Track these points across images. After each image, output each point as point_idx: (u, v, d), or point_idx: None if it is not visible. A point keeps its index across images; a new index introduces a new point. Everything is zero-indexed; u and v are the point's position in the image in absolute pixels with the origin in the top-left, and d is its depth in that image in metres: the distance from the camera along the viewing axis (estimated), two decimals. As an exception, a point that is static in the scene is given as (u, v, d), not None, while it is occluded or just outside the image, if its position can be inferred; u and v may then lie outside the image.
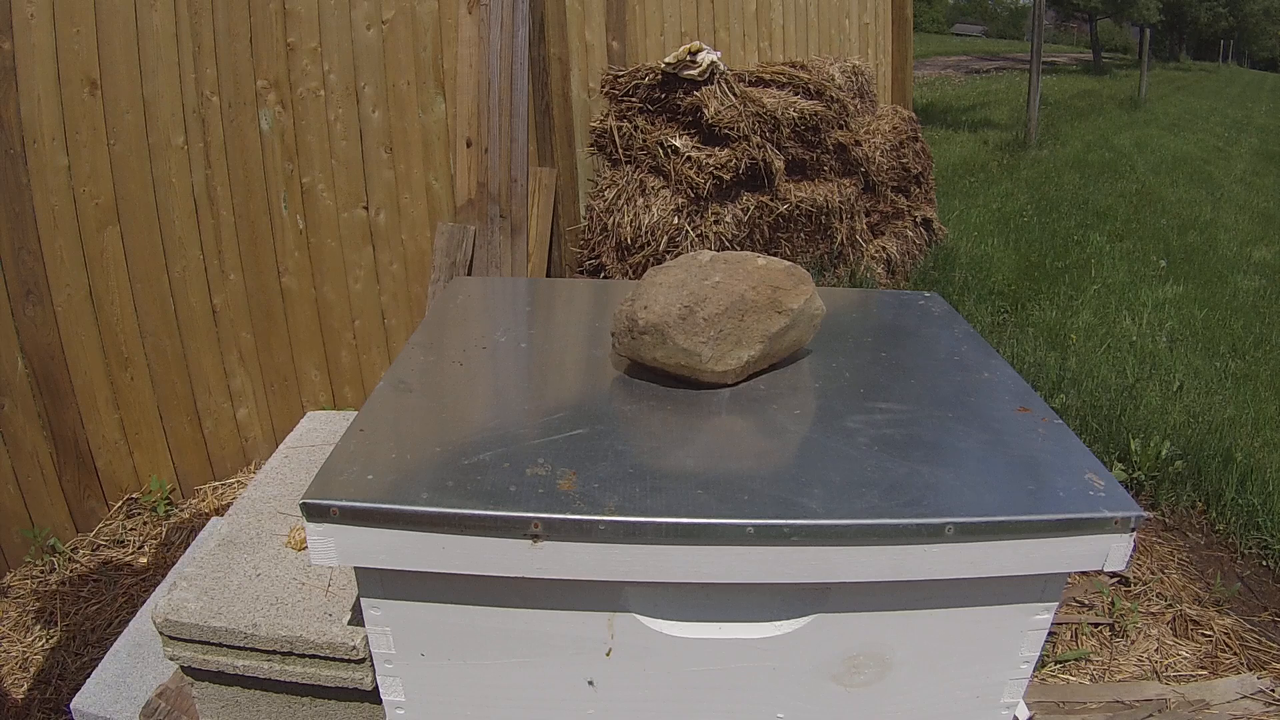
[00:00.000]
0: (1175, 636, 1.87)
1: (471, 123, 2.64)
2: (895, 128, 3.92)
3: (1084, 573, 1.59)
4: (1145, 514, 0.89)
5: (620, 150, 3.04)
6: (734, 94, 2.98)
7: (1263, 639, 1.85)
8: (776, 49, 4.04)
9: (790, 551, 0.82)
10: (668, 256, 2.85)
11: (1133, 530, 0.84)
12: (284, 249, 2.40)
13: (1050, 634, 1.54)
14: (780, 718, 0.95)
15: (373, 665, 0.95)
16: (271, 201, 2.35)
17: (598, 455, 0.91)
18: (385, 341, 2.66)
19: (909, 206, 4.05)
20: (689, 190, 2.90)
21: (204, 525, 1.91)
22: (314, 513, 0.82)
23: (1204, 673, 1.76)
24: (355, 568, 0.87)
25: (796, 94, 3.28)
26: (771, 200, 3.12)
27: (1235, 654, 1.81)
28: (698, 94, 2.93)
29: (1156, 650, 1.82)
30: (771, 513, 0.82)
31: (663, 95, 2.99)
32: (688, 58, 2.90)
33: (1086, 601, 1.94)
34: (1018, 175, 7.10)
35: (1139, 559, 2.14)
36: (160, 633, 1.04)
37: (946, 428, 0.99)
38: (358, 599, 1.00)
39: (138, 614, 1.56)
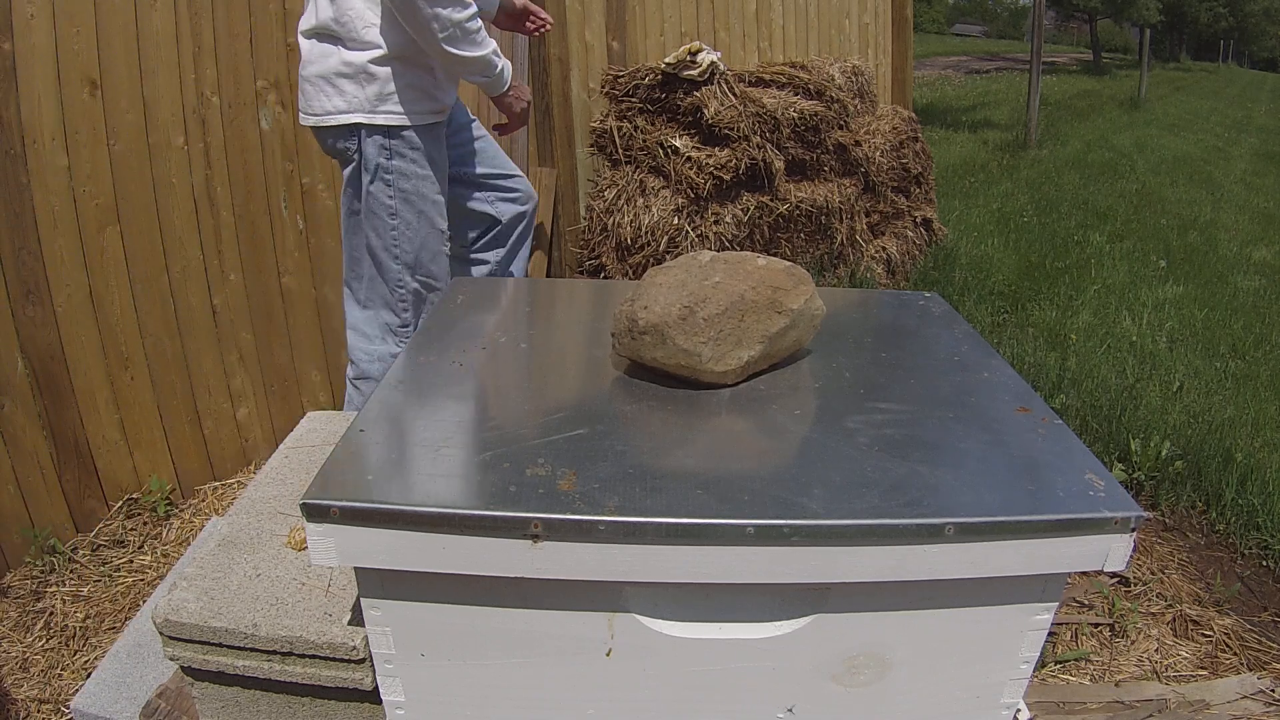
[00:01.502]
0: (1175, 636, 1.87)
1: (471, 123, 2.64)
2: (895, 128, 3.92)
3: (1084, 573, 1.59)
4: (1145, 514, 0.89)
5: (620, 150, 3.04)
6: (734, 94, 2.98)
7: (1263, 639, 1.85)
8: (776, 49, 4.04)
9: (790, 551, 0.82)
10: (668, 257, 2.85)
11: (1133, 530, 0.84)
12: (284, 249, 2.39)
13: (1050, 634, 1.54)
14: (780, 718, 0.95)
15: (373, 665, 0.96)
16: (271, 201, 2.35)
17: (598, 455, 0.91)
18: (385, 341, 2.65)
19: (909, 207, 4.05)
20: (689, 190, 2.90)
21: (204, 525, 1.91)
22: (314, 513, 0.82)
23: (1204, 673, 1.76)
24: (355, 568, 0.87)
25: (796, 94, 3.28)
26: (771, 200, 3.12)
27: (1235, 654, 1.81)
28: (698, 94, 2.93)
29: (1156, 650, 1.82)
30: (771, 513, 0.82)
31: (663, 95, 2.99)
32: (688, 58, 2.90)
33: (1086, 601, 1.94)
34: (1018, 175, 7.09)
35: (1139, 559, 2.14)
36: (160, 633, 1.04)
37: (946, 428, 0.99)
38: (358, 599, 1.00)
39: (138, 614, 1.57)
